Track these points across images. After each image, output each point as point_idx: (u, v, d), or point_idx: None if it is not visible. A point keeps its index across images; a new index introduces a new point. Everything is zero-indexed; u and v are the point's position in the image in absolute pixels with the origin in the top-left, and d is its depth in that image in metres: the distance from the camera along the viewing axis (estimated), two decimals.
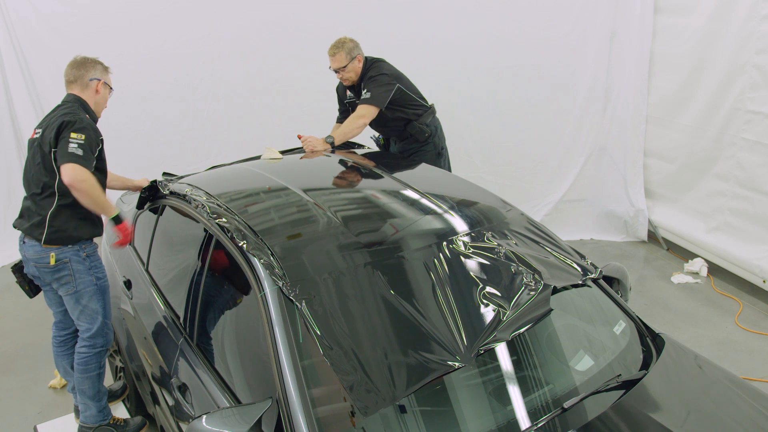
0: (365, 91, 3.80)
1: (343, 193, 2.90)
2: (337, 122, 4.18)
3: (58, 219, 2.79)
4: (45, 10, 5.22)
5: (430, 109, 4.04)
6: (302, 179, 2.98)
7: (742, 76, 4.44)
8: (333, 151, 3.66)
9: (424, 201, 2.64)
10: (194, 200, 2.70)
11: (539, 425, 1.94)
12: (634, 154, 5.51)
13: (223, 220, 2.46)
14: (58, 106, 2.91)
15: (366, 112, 3.77)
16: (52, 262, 2.80)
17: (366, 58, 3.92)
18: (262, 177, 2.99)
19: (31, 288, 3.05)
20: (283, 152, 3.57)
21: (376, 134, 4.25)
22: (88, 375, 2.95)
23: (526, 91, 5.56)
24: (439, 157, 4.09)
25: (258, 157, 3.54)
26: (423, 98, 4.03)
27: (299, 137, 3.68)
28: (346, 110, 4.14)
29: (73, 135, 2.71)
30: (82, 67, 2.92)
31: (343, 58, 3.81)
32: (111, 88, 3.05)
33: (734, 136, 4.56)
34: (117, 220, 2.88)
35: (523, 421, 1.96)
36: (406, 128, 3.97)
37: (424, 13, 5.41)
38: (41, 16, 5.23)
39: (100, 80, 2.95)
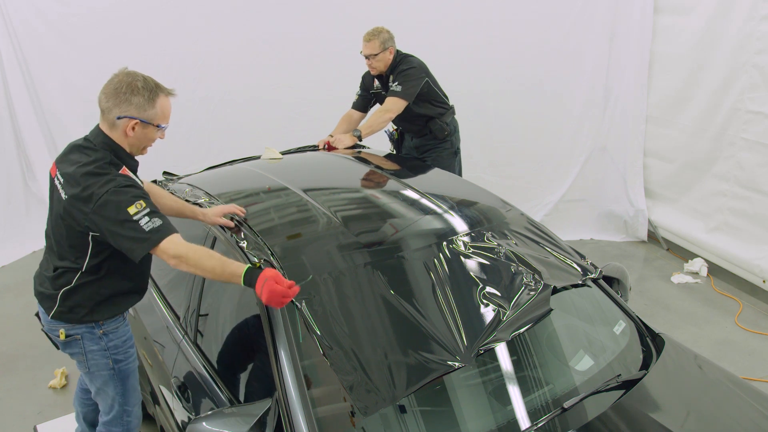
0: (395, 84, 3.84)
1: (343, 193, 2.90)
2: (352, 107, 4.19)
3: (72, 299, 2.22)
4: (45, 10, 5.22)
5: (451, 109, 4.11)
6: (302, 179, 2.98)
7: (742, 76, 4.43)
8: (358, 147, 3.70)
9: (424, 201, 2.64)
10: (194, 200, 2.70)
11: (539, 425, 1.94)
12: (633, 154, 5.51)
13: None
14: (81, 147, 2.17)
15: (393, 106, 3.82)
16: (62, 337, 2.28)
17: (397, 51, 3.97)
18: (262, 177, 2.99)
19: None
20: (282, 152, 3.57)
21: (390, 129, 4.27)
22: None
23: (526, 91, 5.56)
24: (454, 156, 4.16)
25: (257, 157, 3.54)
26: (446, 96, 4.10)
27: (327, 143, 3.75)
28: (368, 98, 4.17)
29: (131, 211, 1.99)
30: (113, 97, 2.11)
31: (377, 46, 3.84)
32: (158, 126, 2.18)
33: (734, 136, 4.56)
34: (249, 280, 1.97)
35: (523, 421, 1.96)
36: (428, 124, 4.01)
37: (424, 16, 5.40)
38: (41, 15, 5.23)
39: (134, 119, 2.12)
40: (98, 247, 2.14)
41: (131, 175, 2.16)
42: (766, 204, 4.38)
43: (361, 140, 3.78)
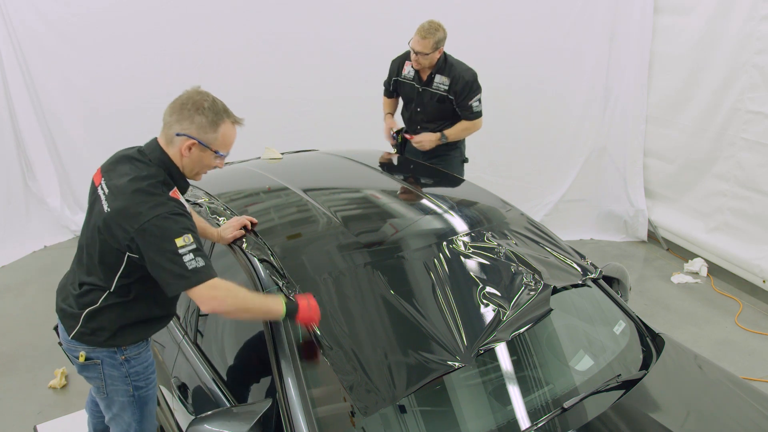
0: (476, 102, 3.88)
1: (343, 193, 2.90)
2: (384, 95, 4.20)
3: (95, 320, 2.09)
4: (45, 10, 5.22)
5: None
6: (302, 179, 2.98)
7: (742, 76, 4.43)
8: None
9: (424, 201, 2.64)
10: (194, 200, 2.70)
11: (539, 425, 1.94)
12: (633, 154, 5.51)
13: (223, 220, 2.47)
14: (133, 159, 2.05)
15: (478, 124, 3.95)
16: (81, 360, 2.15)
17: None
18: (262, 177, 2.99)
19: None
20: (282, 153, 3.57)
21: (392, 130, 4.23)
22: None
23: (526, 92, 5.56)
24: (462, 164, 4.16)
25: (257, 158, 3.54)
26: None
27: (411, 137, 3.81)
28: (388, 86, 4.16)
29: (179, 243, 1.85)
30: (177, 112, 1.99)
31: (430, 46, 3.77)
32: (216, 153, 2.03)
33: (734, 136, 4.56)
34: (291, 312, 1.93)
35: (523, 421, 1.96)
36: (441, 128, 3.96)
37: (423, 16, 5.37)
38: (41, 15, 5.23)
39: (192, 139, 1.98)
40: (130, 268, 2.00)
41: (182, 199, 2.03)
42: (766, 204, 4.38)
43: (447, 140, 3.88)
